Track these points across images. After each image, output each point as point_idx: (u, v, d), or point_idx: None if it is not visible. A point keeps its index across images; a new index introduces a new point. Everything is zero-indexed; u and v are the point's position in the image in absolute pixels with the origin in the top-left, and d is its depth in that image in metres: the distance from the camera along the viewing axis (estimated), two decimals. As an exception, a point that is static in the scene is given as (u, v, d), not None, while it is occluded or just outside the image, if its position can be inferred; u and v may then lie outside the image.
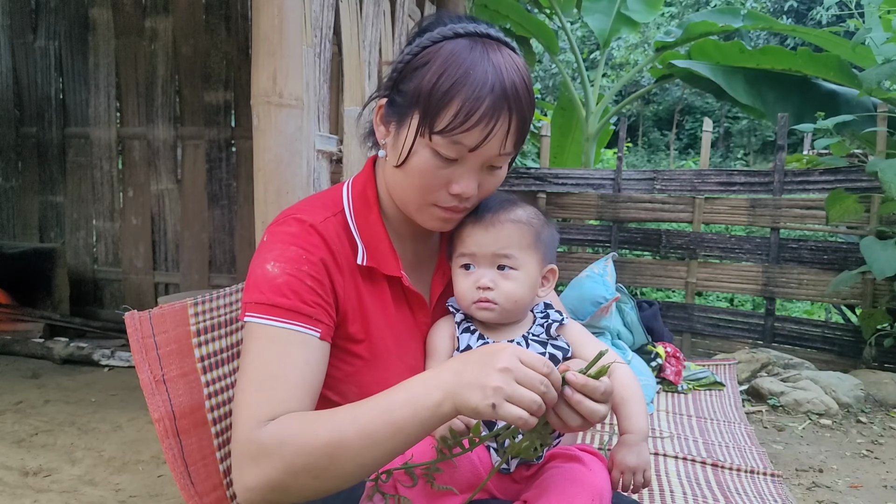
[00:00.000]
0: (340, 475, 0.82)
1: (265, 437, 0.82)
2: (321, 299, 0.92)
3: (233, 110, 4.61)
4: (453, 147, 0.90)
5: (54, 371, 3.68)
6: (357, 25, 2.40)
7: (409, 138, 0.92)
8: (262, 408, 0.85)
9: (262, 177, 1.84)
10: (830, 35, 4.90)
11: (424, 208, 0.96)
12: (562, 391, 0.80)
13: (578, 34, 11.38)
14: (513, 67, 0.90)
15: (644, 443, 1.01)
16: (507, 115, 0.89)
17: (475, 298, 1.02)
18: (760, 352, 3.89)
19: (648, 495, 1.82)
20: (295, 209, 1.00)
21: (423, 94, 0.89)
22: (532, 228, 1.04)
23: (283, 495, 0.83)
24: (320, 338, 0.91)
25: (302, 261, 0.92)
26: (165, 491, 2.29)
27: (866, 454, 2.84)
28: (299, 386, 0.87)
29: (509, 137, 0.91)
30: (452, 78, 0.87)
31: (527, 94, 0.91)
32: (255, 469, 0.82)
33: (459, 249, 1.04)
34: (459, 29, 0.92)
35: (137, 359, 1.03)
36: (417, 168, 0.93)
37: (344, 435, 0.80)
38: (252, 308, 0.90)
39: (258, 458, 0.82)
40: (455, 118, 0.87)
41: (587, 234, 4.97)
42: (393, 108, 0.96)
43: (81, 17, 4.72)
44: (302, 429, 0.82)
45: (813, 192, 4.17)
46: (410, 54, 0.93)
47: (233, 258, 4.68)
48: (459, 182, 0.93)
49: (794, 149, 8.68)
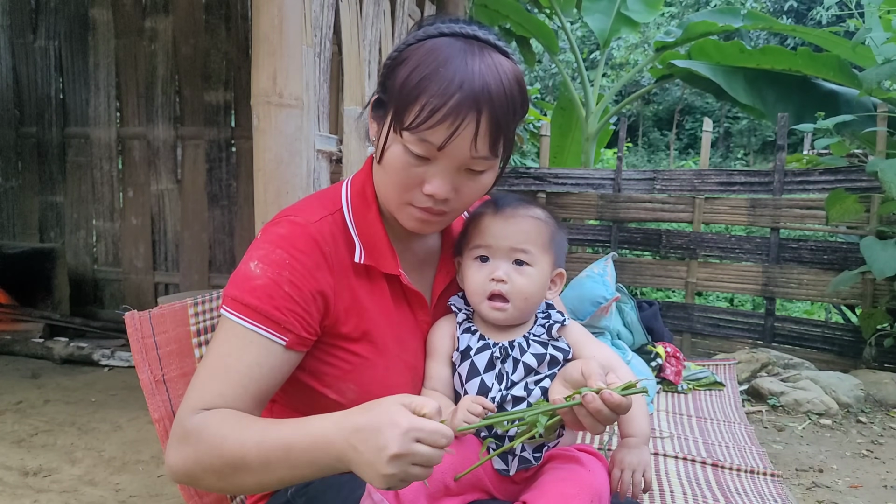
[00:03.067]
0: (242, 486, 0.87)
1: (191, 425, 0.87)
2: (298, 307, 0.92)
3: (233, 110, 4.60)
4: (421, 144, 0.89)
5: (54, 371, 3.68)
6: (357, 25, 2.40)
7: (383, 134, 0.94)
8: (202, 395, 0.89)
9: (262, 177, 1.85)
10: (830, 35, 4.90)
11: (402, 207, 0.96)
12: (584, 397, 0.84)
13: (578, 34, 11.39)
14: (492, 69, 0.88)
15: (645, 446, 1.01)
16: (474, 116, 0.87)
17: (488, 291, 1.01)
18: (760, 352, 3.89)
19: (648, 495, 1.82)
20: (292, 209, 1.00)
21: (395, 90, 0.90)
22: (549, 228, 1.05)
23: (195, 483, 0.89)
24: (286, 346, 0.91)
25: (284, 266, 0.92)
26: (165, 491, 2.29)
27: (866, 454, 2.84)
28: (243, 385, 0.89)
29: (479, 139, 0.88)
30: (422, 74, 0.87)
31: (503, 96, 0.88)
32: (176, 451, 0.88)
33: (476, 241, 1.04)
34: (444, 28, 0.92)
35: (137, 359, 1.04)
36: (392, 165, 0.93)
37: (247, 454, 0.83)
38: (227, 302, 0.93)
39: (180, 442, 0.88)
40: (420, 114, 0.87)
41: (587, 234, 4.97)
42: (378, 105, 0.97)
43: (81, 17, 4.72)
44: (219, 431, 0.85)
45: (813, 192, 4.16)
46: (397, 51, 0.94)
47: (233, 258, 4.67)
48: (431, 182, 0.92)
49: (794, 149, 8.68)
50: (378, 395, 0.87)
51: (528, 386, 0.99)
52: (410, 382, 1.03)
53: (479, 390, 0.99)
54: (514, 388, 0.99)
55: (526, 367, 1.00)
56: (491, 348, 1.02)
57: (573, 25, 10.10)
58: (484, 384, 0.99)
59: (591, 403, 0.83)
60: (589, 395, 0.82)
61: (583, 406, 0.84)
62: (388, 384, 0.97)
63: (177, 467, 0.88)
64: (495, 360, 1.01)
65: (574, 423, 0.86)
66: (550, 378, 1.01)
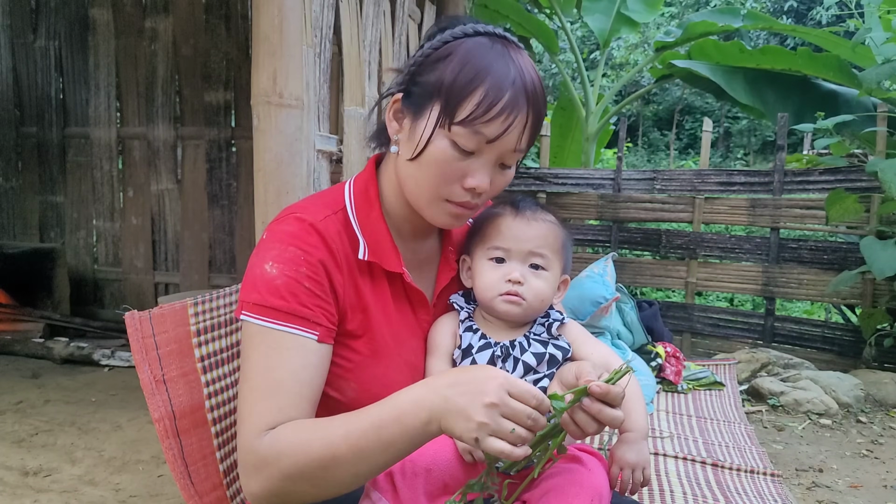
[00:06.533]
0: (337, 484, 0.85)
1: (264, 448, 0.86)
2: (320, 300, 0.92)
3: (233, 110, 4.61)
4: (473, 137, 0.90)
5: (54, 371, 3.68)
6: (357, 25, 2.40)
7: (427, 129, 0.93)
8: (262, 417, 0.88)
9: (262, 177, 1.84)
10: (830, 35, 4.90)
11: (436, 203, 0.96)
12: (580, 402, 0.83)
13: (578, 34, 11.38)
14: (531, 67, 0.94)
15: (644, 441, 1.02)
16: (526, 110, 0.91)
17: (503, 290, 1.02)
18: (760, 352, 3.89)
19: (648, 495, 1.82)
20: (296, 207, 1.00)
21: (446, 84, 0.91)
22: (563, 234, 1.08)
23: (286, 499, 0.87)
24: (318, 340, 0.91)
25: (300, 262, 0.92)
26: (165, 491, 2.29)
27: (866, 454, 2.84)
28: (298, 393, 0.89)
29: (525, 132, 0.93)
30: (476, 69, 0.90)
31: (543, 93, 0.94)
32: (257, 477, 0.87)
33: (493, 242, 1.05)
34: (480, 28, 0.95)
35: (137, 359, 1.03)
36: (434, 159, 0.93)
37: (337, 449, 0.83)
38: (250, 308, 0.91)
39: (259, 468, 0.86)
40: (478, 107, 0.89)
41: (587, 234, 4.97)
42: (409, 101, 0.96)
43: (81, 17, 4.72)
44: (298, 441, 0.85)
45: (813, 192, 4.17)
46: (431, 48, 0.95)
47: (233, 258, 4.68)
48: (475, 175, 0.93)
49: (794, 149, 8.67)
50: (377, 394, 0.87)
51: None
52: (410, 381, 1.02)
53: (478, 389, 1.00)
54: (513, 388, 0.99)
55: (525, 365, 1.01)
56: (492, 347, 1.03)
57: (573, 25, 10.09)
58: (484, 383, 1.00)
59: (591, 406, 0.83)
60: (586, 399, 0.83)
61: (581, 408, 0.83)
62: (387, 383, 0.97)
63: (263, 492, 0.87)
64: (496, 359, 1.02)
65: (576, 433, 0.85)
66: (549, 377, 1.02)
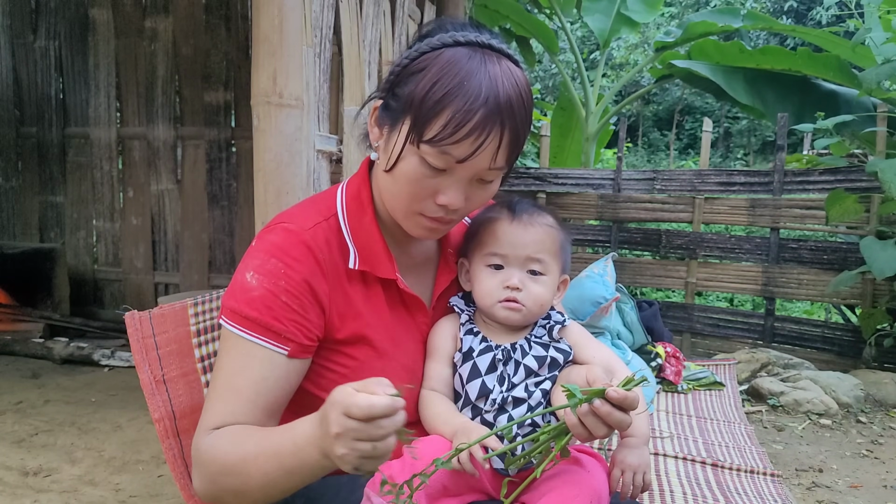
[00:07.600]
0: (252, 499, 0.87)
1: (203, 447, 0.89)
2: (297, 315, 0.92)
3: (233, 110, 4.60)
4: (441, 157, 0.88)
5: (54, 371, 3.68)
6: (357, 25, 2.40)
7: (398, 144, 0.91)
8: (213, 417, 0.90)
9: (262, 177, 1.85)
10: (830, 35, 4.90)
11: (410, 216, 0.96)
12: (591, 404, 0.82)
13: (578, 34, 11.38)
14: (510, 80, 0.88)
15: (645, 446, 1.01)
16: (499, 130, 0.87)
17: (502, 297, 1.02)
18: (760, 352, 3.89)
19: (648, 495, 1.82)
20: (286, 215, 1.00)
21: (416, 100, 0.87)
22: (560, 235, 1.06)
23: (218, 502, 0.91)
24: (289, 355, 0.92)
25: (280, 275, 0.92)
26: (165, 491, 2.29)
27: (866, 454, 2.84)
28: (253, 401, 0.90)
29: (500, 152, 0.89)
30: (446, 87, 0.85)
31: (522, 108, 0.89)
32: (195, 474, 0.91)
33: (490, 248, 1.04)
34: (460, 37, 0.89)
35: (137, 359, 1.04)
36: (405, 175, 0.91)
37: (248, 467, 0.84)
38: (227, 313, 0.93)
39: (197, 465, 0.91)
40: (444, 129, 0.85)
41: (587, 234, 4.97)
42: (387, 112, 0.95)
43: (81, 17, 4.71)
44: (223, 447, 0.87)
45: (813, 192, 4.17)
46: (408, 58, 0.92)
47: (233, 258, 4.67)
48: (446, 193, 0.91)
49: (794, 149, 8.67)
50: None
51: (529, 388, 1.00)
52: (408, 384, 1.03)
53: (479, 392, 1.00)
54: (514, 390, 0.99)
55: (527, 369, 1.01)
56: (493, 350, 1.02)
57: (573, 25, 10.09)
58: (485, 386, 1.00)
59: (601, 408, 0.82)
60: (598, 400, 0.82)
61: (591, 410, 0.83)
62: (385, 387, 0.97)
63: (200, 491, 0.90)
64: (497, 363, 1.01)
65: (583, 435, 0.85)
66: (550, 380, 1.01)
